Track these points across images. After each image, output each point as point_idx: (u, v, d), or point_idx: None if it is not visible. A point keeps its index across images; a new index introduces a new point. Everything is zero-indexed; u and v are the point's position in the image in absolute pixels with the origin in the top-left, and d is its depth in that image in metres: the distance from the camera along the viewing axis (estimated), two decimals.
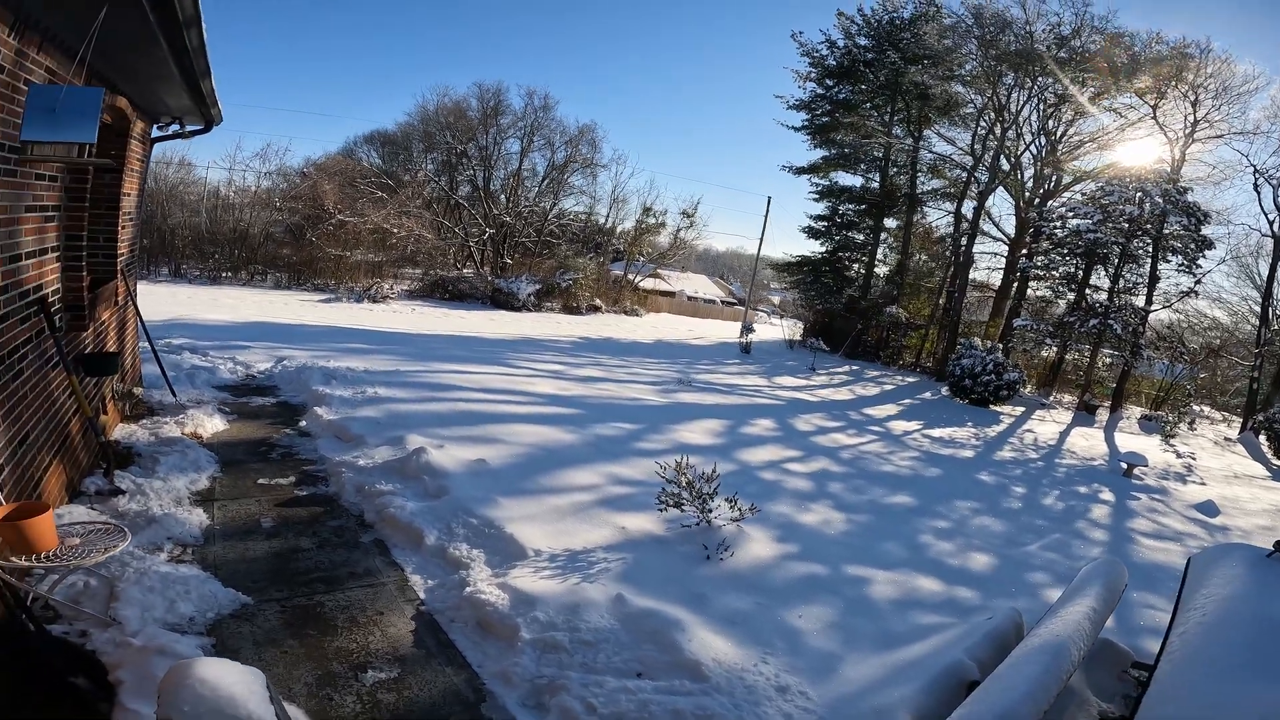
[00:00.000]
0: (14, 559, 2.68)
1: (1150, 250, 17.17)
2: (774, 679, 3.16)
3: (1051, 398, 19.14)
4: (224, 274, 20.71)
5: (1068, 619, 3.10)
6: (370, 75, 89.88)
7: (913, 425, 12.85)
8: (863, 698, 3.00)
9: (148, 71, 4.45)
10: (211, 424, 6.15)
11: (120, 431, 5.69)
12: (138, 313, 6.38)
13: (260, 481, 5.12)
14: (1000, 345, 16.91)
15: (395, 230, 22.50)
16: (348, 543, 4.34)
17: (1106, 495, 9.54)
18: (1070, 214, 17.89)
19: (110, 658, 2.73)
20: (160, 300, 14.97)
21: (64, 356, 4.14)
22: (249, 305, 15.82)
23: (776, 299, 44.57)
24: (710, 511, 4.92)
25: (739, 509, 5.03)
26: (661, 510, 4.88)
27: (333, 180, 22.55)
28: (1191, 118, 17.33)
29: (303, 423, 6.54)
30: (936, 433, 12.45)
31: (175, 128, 6.46)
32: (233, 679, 1.73)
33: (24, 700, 2.48)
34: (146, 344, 9.56)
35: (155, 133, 6.53)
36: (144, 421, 6.00)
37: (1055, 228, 17.98)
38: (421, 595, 3.81)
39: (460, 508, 4.58)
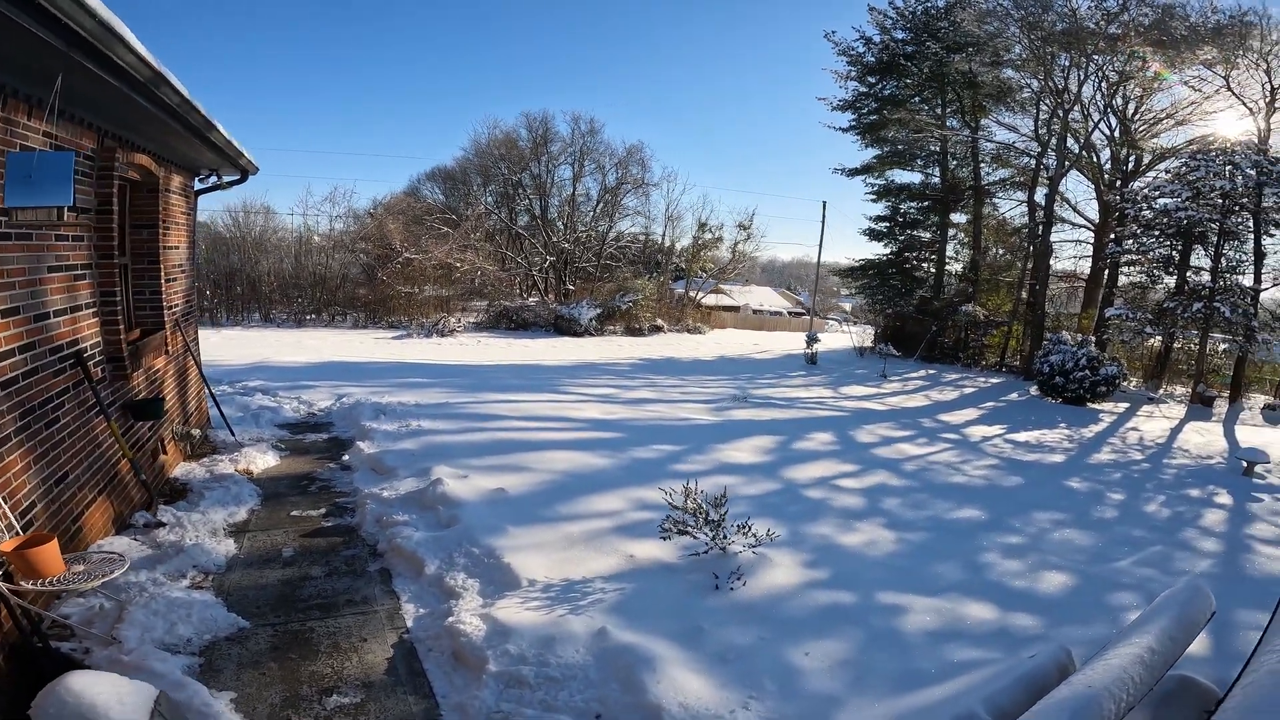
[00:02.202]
0: (22, 583, 3.01)
1: (1251, 226, 15.38)
2: None
3: (1160, 391, 17.35)
4: (308, 316, 22.21)
5: (1111, 664, 2.68)
6: (427, 112, 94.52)
7: (994, 430, 11.94)
8: None
9: (153, 130, 4.80)
10: (264, 460, 6.52)
11: (180, 469, 6.12)
12: (197, 362, 6.87)
13: (293, 513, 5.35)
14: (1094, 337, 15.53)
15: (459, 264, 23.44)
16: (355, 571, 4.45)
17: (1223, 498, 8.40)
18: (1156, 193, 16.33)
19: None
20: (250, 344, 16.22)
21: (103, 404, 4.48)
22: (328, 346, 16.82)
23: (848, 305, 43.01)
24: (726, 537, 4.68)
25: (753, 535, 4.75)
26: (665, 538, 4.67)
27: (397, 219, 23.83)
28: (1269, 86, 15.61)
29: (346, 457, 6.82)
30: (1022, 437, 11.51)
31: (214, 179, 6.96)
32: (99, 689, 1.79)
33: (25, 708, 2.72)
34: (224, 387, 10.38)
35: (197, 185, 7.06)
36: (205, 460, 6.44)
37: (1141, 209, 16.44)
38: (409, 624, 3.84)
39: (466, 537, 4.59)
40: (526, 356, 17.28)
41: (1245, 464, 9.85)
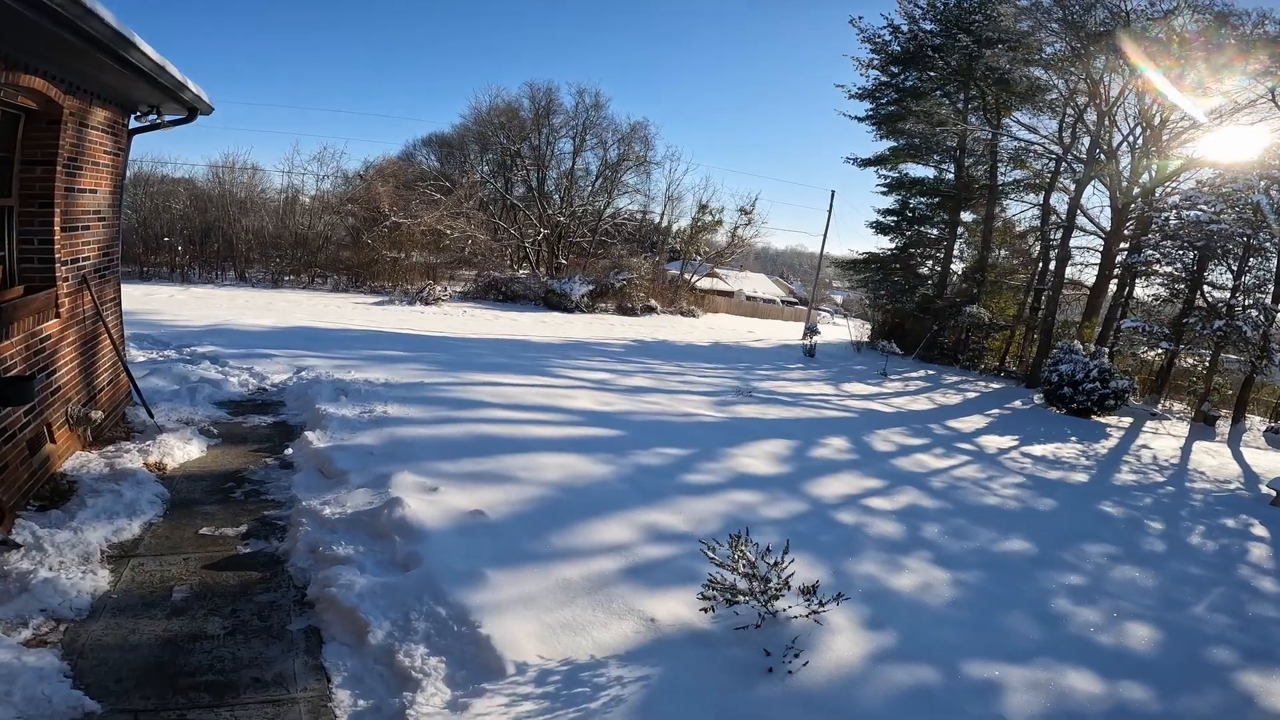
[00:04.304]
0: None
1: (1278, 242, 14.40)
2: None
3: (1159, 406, 16.53)
4: (286, 277, 20.52)
5: None
6: (428, 76, 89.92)
7: (1007, 441, 10.96)
8: None
9: (40, 43, 3.50)
10: (184, 451, 5.13)
11: (74, 461, 4.72)
12: (107, 326, 5.41)
13: (203, 531, 4.00)
14: (1106, 349, 14.55)
15: (448, 231, 21.82)
16: (270, 629, 3.13)
17: (1259, 530, 7.73)
18: (1185, 203, 15.26)
19: None
20: (216, 304, 14.63)
21: None
22: (301, 309, 15.27)
23: (839, 298, 41.87)
24: (775, 598, 3.44)
25: (816, 600, 3.51)
26: (709, 609, 3.41)
27: (388, 182, 22.07)
28: None
29: (289, 450, 5.42)
30: (1037, 450, 10.56)
31: (154, 118, 5.49)
32: None
33: None
34: (169, 353, 8.89)
35: (133, 124, 5.58)
36: (108, 449, 5.03)
37: (1169, 218, 15.36)
38: None
39: (430, 587, 3.28)
40: (513, 331, 15.89)
41: (1276, 493, 9.05)
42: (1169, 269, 15.93)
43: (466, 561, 3.57)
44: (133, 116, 5.72)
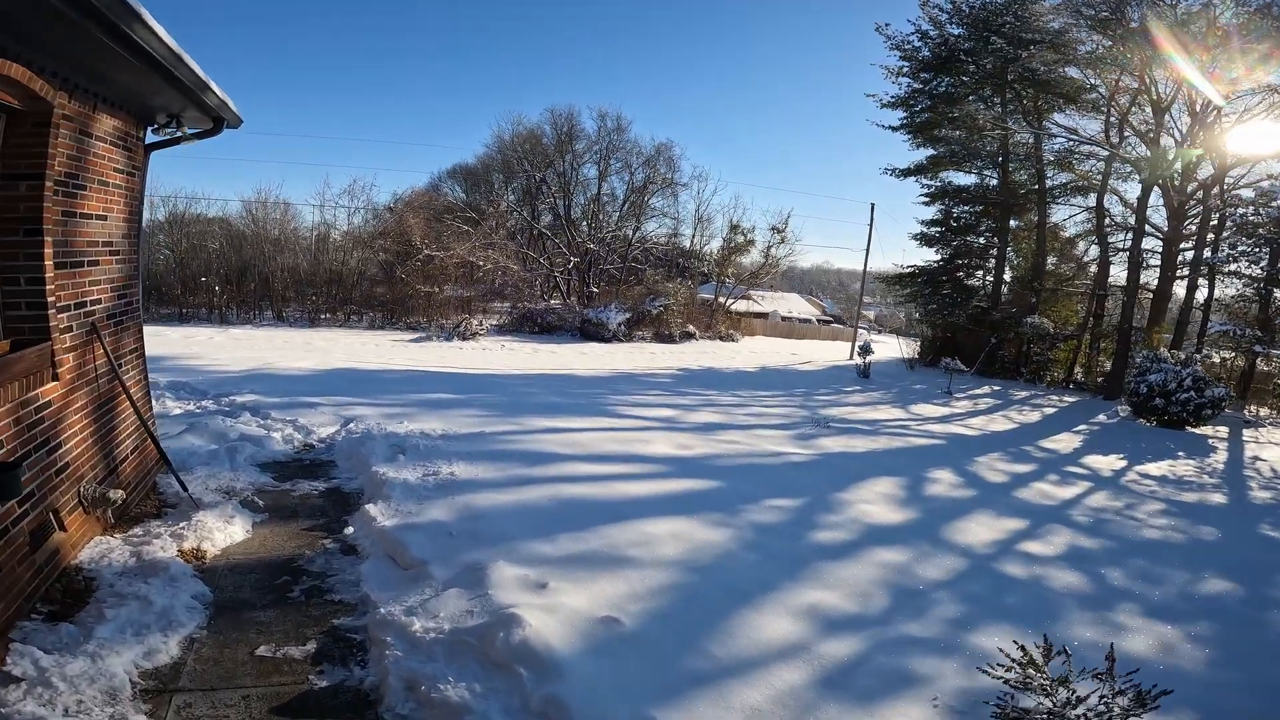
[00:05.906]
0: None
1: None
2: None
3: (1245, 412, 15.15)
4: (322, 315, 19.88)
5: None
6: (451, 105, 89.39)
7: (1115, 461, 9.80)
8: None
9: (10, 14, 2.57)
10: (225, 533, 4.15)
11: (93, 549, 3.75)
12: (124, 385, 4.47)
13: (260, 651, 2.97)
14: (1197, 356, 13.28)
15: (481, 263, 21.07)
16: None
17: None
18: (1263, 198, 14.01)
19: None
20: (255, 346, 13.92)
21: None
22: (339, 349, 14.48)
23: (872, 314, 40.45)
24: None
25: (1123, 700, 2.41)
26: None
27: (418, 214, 21.44)
28: None
29: (350, 529, 4.39)
30: (1153, 470, 9.43)
31: (173, 130, 4.59)
32: None
33: None
34: (206, 403, 8.04)
35: (151, 137, 4.70)
36: (135, 531, 4.07)
37: (1245, 214, 14.09)
38: None
39: None
40: (556, 364, 14.93)
41: None
42: (1238, 266, 14.68)
43: (624, 701, 2.48)
44: (149, 130, 4.83)
